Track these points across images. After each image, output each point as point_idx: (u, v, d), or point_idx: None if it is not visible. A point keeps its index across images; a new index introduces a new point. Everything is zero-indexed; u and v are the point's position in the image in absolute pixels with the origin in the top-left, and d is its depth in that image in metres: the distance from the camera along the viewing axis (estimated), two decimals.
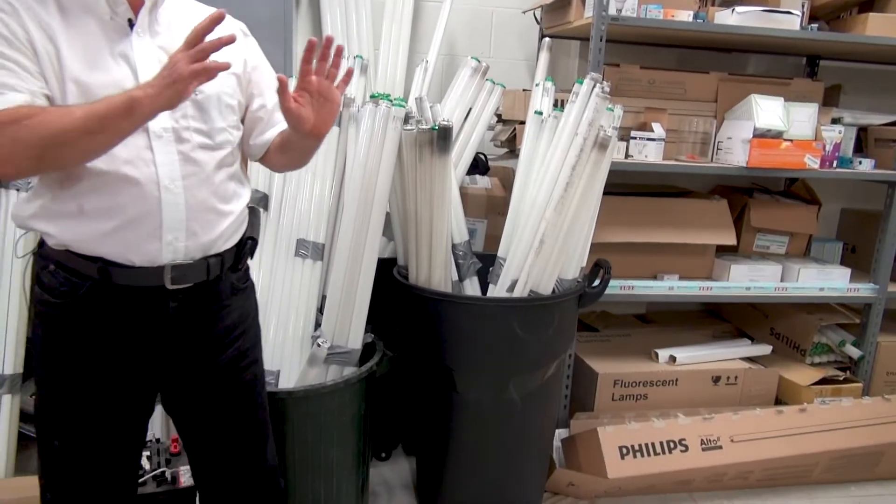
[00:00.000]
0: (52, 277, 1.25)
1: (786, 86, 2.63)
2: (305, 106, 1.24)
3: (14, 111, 1.08)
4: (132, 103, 1.08)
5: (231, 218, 1.33)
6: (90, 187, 1.18)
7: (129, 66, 1.19)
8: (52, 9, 1.15)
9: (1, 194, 2.12)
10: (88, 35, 1.17)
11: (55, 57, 1.14)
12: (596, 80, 1.84)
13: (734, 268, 2.57)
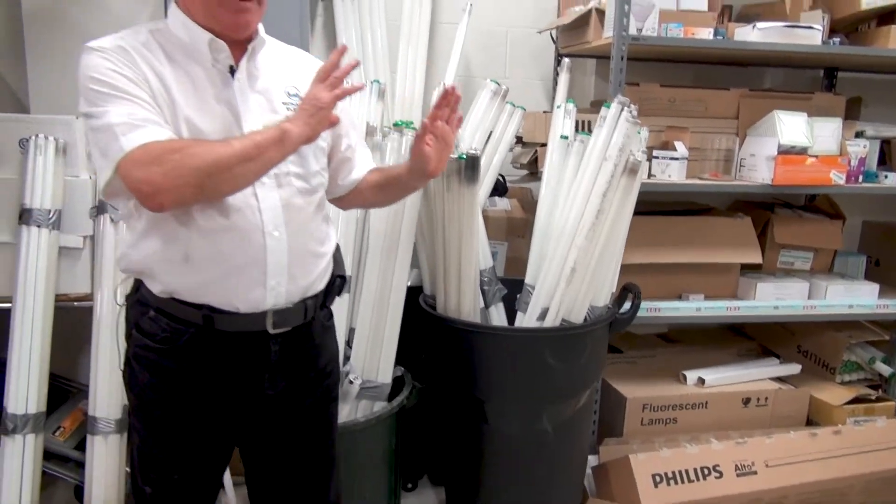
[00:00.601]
0: (153, 323, 1.26)
1: (807, 100, 2.60)
2: (433, 148, 1.35)
3: (172, 142, 1.13)
4: (283, 133, 1.15)
5: (326, 259, 1.35)
6: (198, 235, 1.20)
7: (231, 111, 1.23)
8: (161, 57, 1.21)
9: (23, 231, 2.10)
10: (195, 81, 1.22)
11: (169, 100, 1.18)
12: (624, 104, 1.82)
13: (760, 286, 2.53)
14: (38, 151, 2.10)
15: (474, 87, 2.80)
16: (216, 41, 1.23)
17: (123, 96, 1.14)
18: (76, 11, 2.49)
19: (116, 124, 1.12)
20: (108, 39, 1.20)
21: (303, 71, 1.36)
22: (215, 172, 1.12)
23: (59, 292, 2.17)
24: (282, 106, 1.29)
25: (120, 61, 1.16)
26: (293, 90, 1.32)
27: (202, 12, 1.22)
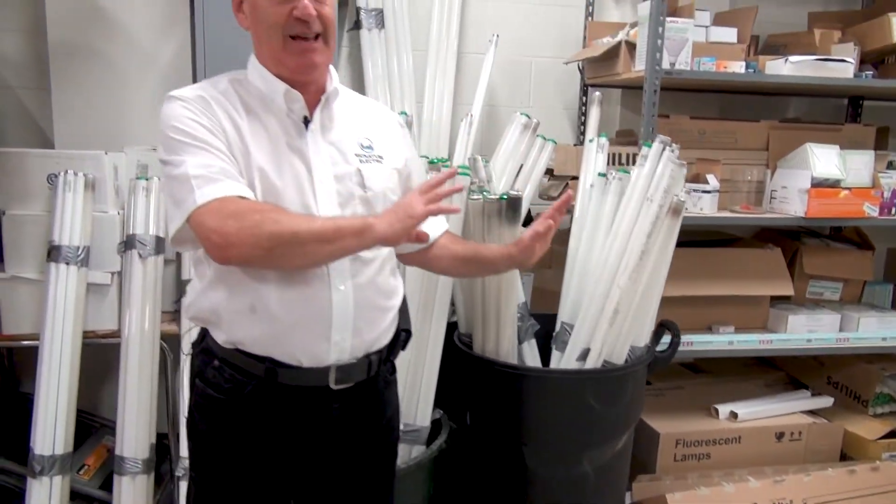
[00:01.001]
0: (217, 373, 1.25)
1: (837, 132, 2.58)
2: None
3: (252, 202, 1.13)
4: (367, 227, 1.13)
5: (392, 313, 1.33)
6: (265, 286, 1.19)
7: (304, 162, 1.22)
8: (239, 107, 1.22)
9: (52, 268, 2.07)
10: (269, 132, 1.21)
11: (243, 150, 1.18)
12: (665, 143, 1.80)
13: (791, 318, 2.50)
14: (68, 187, 2.08)
15: (498, 116, 2.81)
16: (291, 91, 1.22)
17: (201, 146, 1.15)
18: (102, 42, 2.48)
19: (193, 176, 1.12)
20: (189, 89, 1.23)
21: (376, 123, 1.36)
22: (289, 244, 1.11)
23: (86, 329, 2.14)
24: (354, 158, 1.27)
25: (199, 110, 1.17)
26: (366, 141, 1.31)
27: (271, 60, 1.22)
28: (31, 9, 2.49)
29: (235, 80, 1.27)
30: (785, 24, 2.82)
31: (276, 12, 1.17)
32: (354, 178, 1.25)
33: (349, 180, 1.25)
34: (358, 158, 1.27)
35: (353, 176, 1.25)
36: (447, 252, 1.41)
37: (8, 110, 2.54)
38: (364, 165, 1.27)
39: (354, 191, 1.24)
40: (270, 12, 1.17)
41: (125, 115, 2.52)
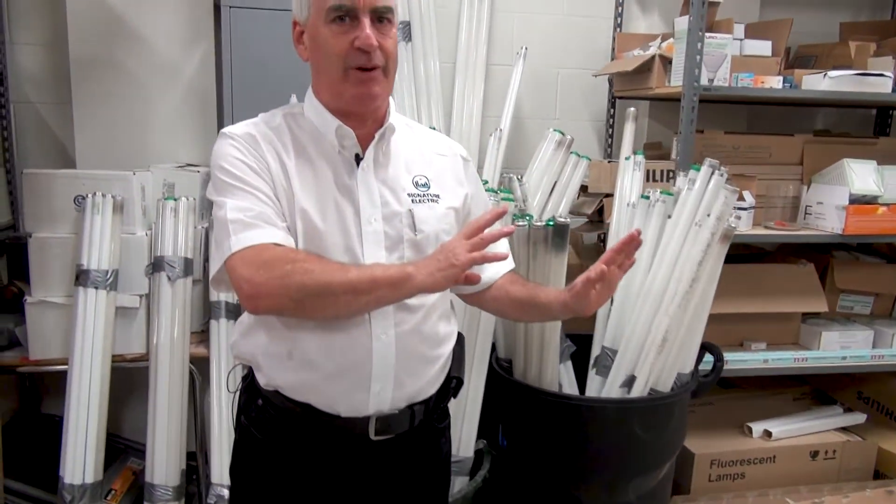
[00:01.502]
0: (260, 413, 1.23)
1: (872, 145, 2.55)
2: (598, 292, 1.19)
3: (285, 250, 1.10)
4: (405, 278, 1.08)
5: (440, 362, 1.26)
6: (303, 333, 1.15)
7: (351, 202, 1.18)
8: (289, 143, 1.19)
9: (80, 292, 2.03)
10: (318, 170, 1.18)
11: (288, 191, 1.15)
12: (714, 167, 1.76)
13: (825, 335, 2.47)
14: (96, 210, 2.04)
15: (524, 128, 2.77)
16: (343, 128, 1.18)
17: (243, 187, 1.13)
18: (124, 56, 2.43)
19: (231, 220, 1.11)
20: (241, 126, 1.20)
21: (436, 158, 1.29)
22: (320, 295, 1.08)
23: (113, 353, 2.10)
24: (407, 198, 1.22)
25: (246, 150, 1.16)
26: (422, 179, 1.25)
27: (329, 92, 1.19)
28: (51, 23, 2.44)
29: (290, 115, 1.23)
30: (814, 34, 2.78)
31: (337, 43, 1.13)
32: (405, 219, 1.20)
33: (399, 222, 1.19)
34: (411, 198, 1.22)
35: (403, 217, 1.20)
36: (504, 294, 1.33)
37: (28, 126, 2.49)
38: (417, 206, 1.21)
39: (404, 233, 1.19)
40: (332, 43, 1.14)
41: (148, 130, 2.47)
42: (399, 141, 1.26)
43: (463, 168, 1.33)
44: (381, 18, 1.14)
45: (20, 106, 2.47)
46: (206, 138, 2.51)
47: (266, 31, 2.28)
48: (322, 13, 1.14)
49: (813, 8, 2.88)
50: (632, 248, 1.18)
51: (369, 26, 1.12)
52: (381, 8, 1.14)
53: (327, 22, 1.13)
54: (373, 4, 1.13)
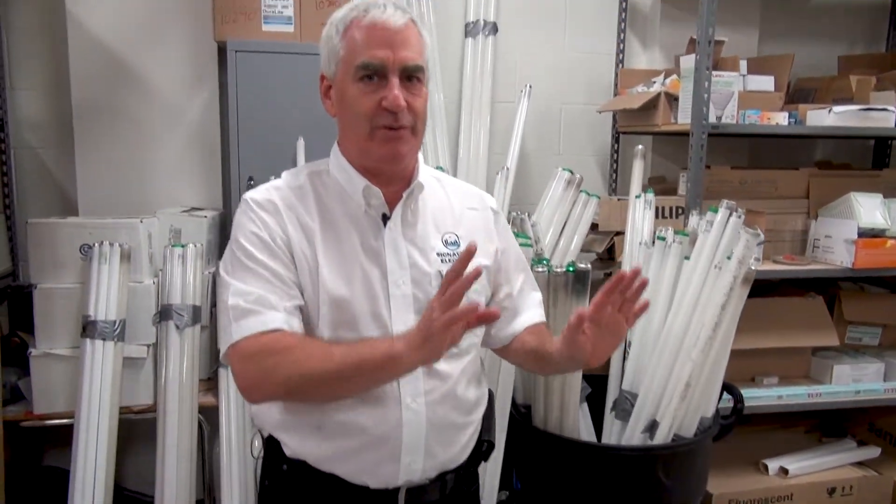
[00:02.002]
0: (284, 479, 1.19)
1: (876, 177, 2.57)
2: (590, 337, 1.10)
3: (274, 340, 1.06)
4: (392, 359, 1.02)
5: (471, 428, 1.22)
6: (331, 406, 1.12)
7: (378, 264, 1.15)
8: (313, 206, 1.16)
9: (87, 344, 1.98)
10: (343, 233, 1.15)
11: (313, 260, 1.12)
12: (731, 209, 1.75)
13: (837, 368, 2.46)
14: (103, 259, 2.00)
15: (528, 163, 2.77)
16: (370, 188, 1.15)
17: (252, 266, 1.10)
18: (126, 100, 2.42)
19: (231, 307, 1.09)
20: (263, 190, 1.17)
21: (465, 213, 1.25)
22: (308, 386, 1.06)
23: (120, 405, 2.05)
24: (436, 258, 1.18)
25: (265, 222, 1.13)
26: (451, 237, 1.21)
27: (355, 149, 1.16)
28: (53, 67, 2.42)
29: (315, 174, 1.21)
30: (810, 67, 2.81)
31: (365, 101, 1.10)
32: (434, 281, 1.16)
33: (428, 284, 1.15)
34: (440, 259, 1.18)
35: (432, 279, 1.16)
36: (521, 345, 1.28)
37: (29, 171, 2.45)
38: (446, 267, 1.17)
39: (432, 295, 1.12)
40: (359, 101, 1.11)
41: (151, 174, 2.44)
42: (428, 197, 1.22)
43: (493, 221, 1.29)
44: (410, 77, 1.12)
45: (21, 151, 2.44)
46: (211, 181, 2.48)
47: (271, 75, 2.27)
48: (350, 70, 1.11)
49: (809, 41, 2.92)
50: (626, 287, 1.06)
51: (398, 85, 1.09)
52: (411, 67, 1.11)
53: (355, 80, 1.11)
54: (402, 63, 1.10)
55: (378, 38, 1.09)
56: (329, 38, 1.15)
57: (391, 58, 1.09)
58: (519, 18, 2.69)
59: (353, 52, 1.11)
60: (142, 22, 2.36)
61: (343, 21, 1.13)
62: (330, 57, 1.15)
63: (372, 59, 1.09)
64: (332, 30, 1.15)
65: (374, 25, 1.10)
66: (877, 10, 2.95)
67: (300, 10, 2.28)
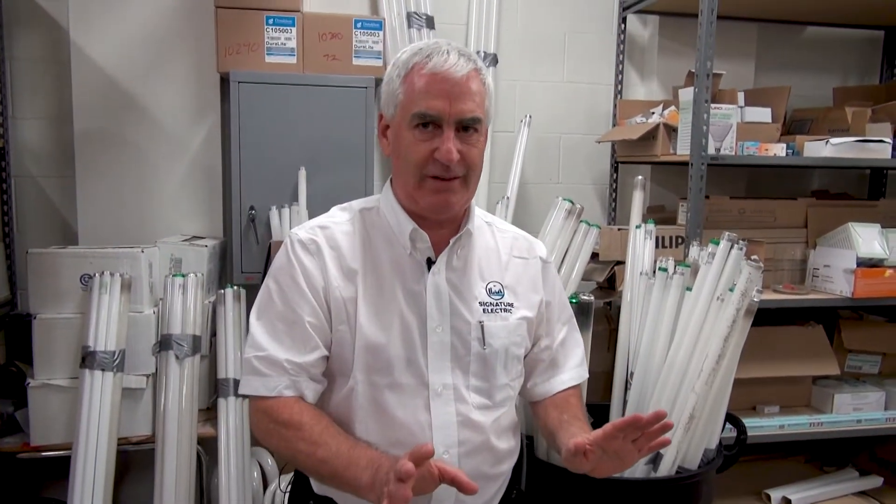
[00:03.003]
0: None
1: (873, 207, 2.59)
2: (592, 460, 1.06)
3: (274, 409, 1.09)
4: (357, 488, 1.02)
5: (502, 479, 1.21)
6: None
7: (418, 309, 1.14)
8: (358, 245, 1.16)
9: (86, 375, 1.97)
10: (384, 275, 1.15)
11: (351, 304, 1.12)
12: (733, 241, 1.76)
13: (838, 397, 2.46)
14: (103, 289, 1.99)
15: (527, 192, 2.78)
16: (418, 231, 1.15)
17: (280, 310, 1.12)
18: (128, 129, 2.43)
19: (245, 358, 1.14)
20: (309, 228, 1.18)
21: (513, 261, 1.24)
22: (291, 461, 1.11)
23: (119, 435, 2.02)
24: (478, 308, 1.16)
25: (303, 266, 1.13)
26: (496, 286, 1.19)
27: (404, 193, 1.16)
28: (56, 97, 2.43)
29: (366, 210, 1.21)
30: (805, 98, 2.85)
31: (418, 149, 1.09)
32: (474, 332, 1.15)
33: (468, 334, 1.14)
34: (482, 308, 1.16)
35: (472, 330, 1.15)
36: (543, 412, 1.26)
37: (30, 200, 2.46)
38: (487, 317, 1.16)
39: (472, 346, 1.13)
40: (412, 148, 1.10)
41: (152, 203, 2.44)
42: (476, 242, 1.21)
43: (541, 271, 1.28)
44: (466, 128, 1.10)
45: (22, 180, 2.45)
46: (213, 211, 2.48)
47: (274, 106, 2.29)
48: (407, 117, 1.10)
49: (804, 73, 2.96)
50: (644, 427, 0.99)
51: (452, 138, 1.08)
52: (468, 119, 1.09)
53: (411, 126, 1.10)
54: (459, 116, 1.08)
55: (437, 89, 1.08)
56: (390, 81, 1.14)
57: (448, 110, 1.07)
58: (519, 50, 2.73)
59: (411, 99, 1.10)
60: (145, 53, 2.38)
61: (405, 65, 1.12)
62: (389, 99, 1.14)
63: (429, 109, 1.08)
64: (393, 72, 1.14)
65: (434, 74, 1.08)
66: (870, 42, 3.00)
67: (303, 42, 2.31)
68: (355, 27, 2.36)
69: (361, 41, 2.36)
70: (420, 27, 2.50)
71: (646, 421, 0.99)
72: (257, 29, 2.27)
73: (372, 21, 2.38)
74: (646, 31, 2.82)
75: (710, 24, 2.11)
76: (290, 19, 2.30)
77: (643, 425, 0.99)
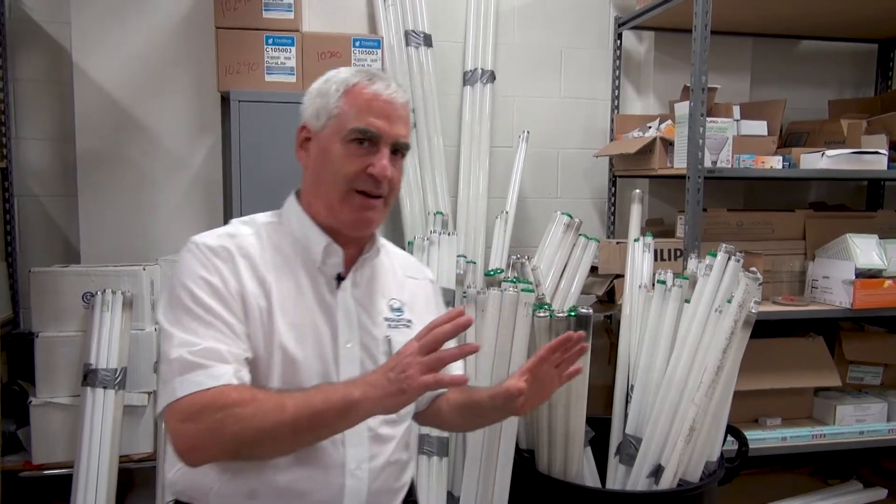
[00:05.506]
0: None
1: (871, 218, 2.60)
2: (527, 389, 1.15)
3: (220, 395, 0.98)
4: (350, 406, 0.98)
5: (404, 491, 1.20)
6: (271, 472, 1.05)
7: (330, 324, 1.13)
8: (268, 256, 1.12)
9: (88, 393, 1.97)
10: (298, 288, 1.12)
11: (267, 314, 1.08)
12: (730, 253, 1.78)
13: (840, 409, 2.46)
14: (105, 307, 2.00)
15: (526, 207, 2.80)
16: (332, 246, 1.14)
17: (200, 314, 1.03)
18: (130, 148, 2.45)
19: (175, 359, 1.01)
20: (214, 236, 1.12)
21: (409, 282, 1.27)
22: (258, 443, 0.99)
23: (121, 453, 2.03)
24: (383, 323, 1.18)
25: (214, 267, 1.07)
26: (396, 303, 1.22)
27: (324, 207, 1.14)
28: (59, 118, 2.46)
29: (269, 225, 1.18)
30: (801, 111, 2.87)
31: (351, 164, 1.11)
32: (382, 347, 1.16)
33: (376, 349, 1.15)
34: (386, 323, 1.18)
35: (379, 344, 1.16)
36: (448, 404, 1.27)
37: (32, 219, 2.47)
38: (392, 332, 1.18)
39: (380, 360, 1.14)
40: (344, 162, 1.11)
41: (153, 222, 2.46)
42: (377, 263, 1.23)
43: (433, 293, 1.32)
44: (396, 151, 1.14)
45: (24, 199, 2.47)
46: (213, 228, 2.49)
47: (273, 124, 2.30)
48: (342, 131, 1.11)
49: (799, 86, 2.99)
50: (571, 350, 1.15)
51: (388, 156, 1.11)
52: (402, 143, 1.14)
53: (345, 140, 1.11)
54: (396, 138, 1.13)
55: (379, 109, 1.11)
56: (324, 94, 1.14)
57: (388, 130, 1.11)
58: (516, 66, 2.75)
59: (350, 115, 1.11)
60: (147, 73, 2.41)
61: (345, 82, 1.13)
62: (321, 111, 1.14)
63: (370, 126, 1.11)
64: (330, 87, 1.14)
65: (377, 96, 1.12)
66: (864, 55, 3.03)
67: (302, 61, 2.34)
68: (354, 46, 2.39)
69: (360, 59, 2.39)
70: (418, 45, 2.54)
71: (575, 338, 1.15)
72: (257, 49, 2.30)
73: (370, 40, 2.41)
74: (641, 46, 2.86)
75: (704, 39, 2.14)
76: (289, 39, 2.33)
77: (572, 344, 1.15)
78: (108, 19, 2.37)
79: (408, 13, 2.53)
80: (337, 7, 2.59)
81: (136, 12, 2.39)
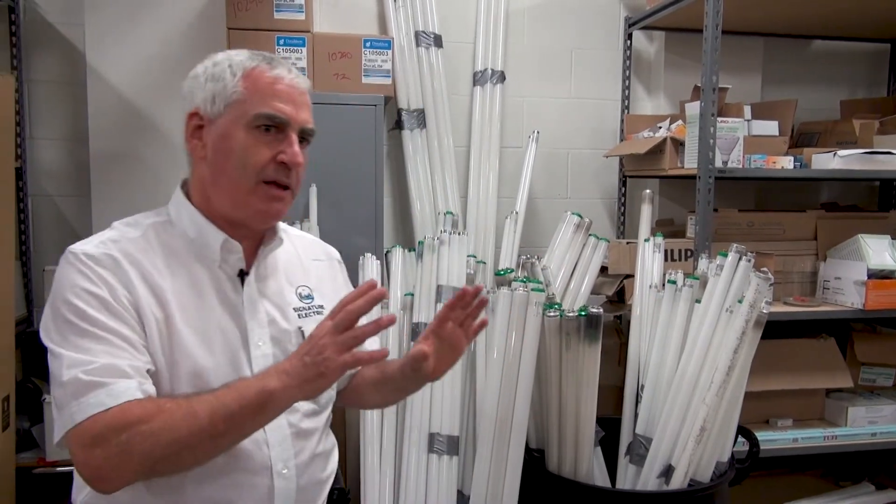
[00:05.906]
0: None
1: (883, 219, 2.58)
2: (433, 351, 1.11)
3: (122, 413, 0.90)
4: (268, 398, 0.92)
5: (330, 480, 1.18)
6: (190, 480, 0.99)
7: (237, 324, 1.07)
8: (159, 259, 1.04)
9: None
10: (196, 290, 1.05)
11: (164, 323, 1.00)
12: (741, 253, 1.77)
13: (851, 410, 2.45)
14: None
15: (535, 207, 2.80)
16: (230, 242, 1.08)
17: (90, 329, 0.95)
18: (143, 148, 2.46)
19: (68, 381, 0.92)
20: (94, 244, 1.03)
21: (314, 265, 1.22)
22: (173, 457, 0.91)
23: None
24: (293, 314, 1.13)
25: (99, 277, 0.98)
26: (305, 290, 1.17)
27: (228, 200, 1.06)
28: (72, 118, 2.48)
29: (157, 225, 1.10)
30: (812, 111, 2.86)
31: (258, 153, 1.04)
32: (294, 338, 1.10)
33: (288, 342, 1.10)
34: (297, 314, 1.13)
35: (292, 336, 1.11)
36: (364, 381, 1.24)
37: (46, 218, 2.50)
38: (304, 321, 1.13)
39: None
40: (251, 151, 1.04)
41: None
42: (280, 251, 1.17)
43: (340, 272, 1.28)
44: (303, 139, 1.09)
45: (38, 199, 2.49)
46: None
47: None
48: (245, 117, 1.04)
49: (811, 86, 2.97)
50: (470, 304, 1.11)
51: (297, 143, 1.06)
52: (309, 130, 1.09)
53: (249, 127, 1.04)
54: (304, 124, 1.08)
55: (284, 94, 1.06)
56: (219, 78, 1.06)
57: (296, 116, 1.06)
58: (526, 67, 2.76)
59: (253, 100, 1.04)
60: (159, 74, 2.43)
61: (242, 66, 1.06)
62: (217, 96, 1.06)
63: (278, 111, 1.04)
64: (224, 70, 1.06)
65: (280, 80, 1.06)
66: (876, 55, 3.02)
67: (313, 61, 2.35)
68: (364, 46, 2.40)
69: (371, 60, 2.40)
70: (428, 46, 2.54)
71: (470, 294, 1.11)
72: (268, 49, 2.31)
73: (381, 40, 2.42)
74: (652, 46, 2.85)
75: (714, 38, 2.13)
76: (300, 39, 2.34)
77: (468, 300, 1.11)
78: (122, 21, 2.39)
79: (418, 14, 2.54)
80: (347, 8, 2.60)
81: (149, 14, 2.41)
